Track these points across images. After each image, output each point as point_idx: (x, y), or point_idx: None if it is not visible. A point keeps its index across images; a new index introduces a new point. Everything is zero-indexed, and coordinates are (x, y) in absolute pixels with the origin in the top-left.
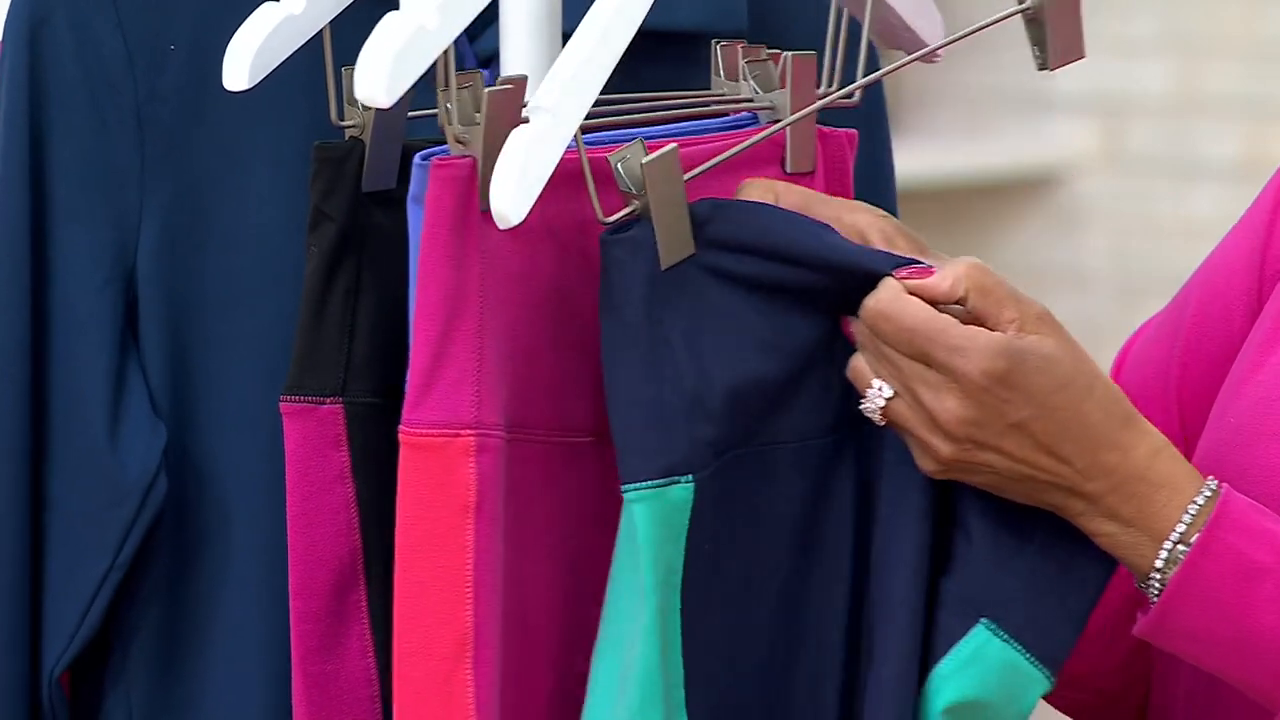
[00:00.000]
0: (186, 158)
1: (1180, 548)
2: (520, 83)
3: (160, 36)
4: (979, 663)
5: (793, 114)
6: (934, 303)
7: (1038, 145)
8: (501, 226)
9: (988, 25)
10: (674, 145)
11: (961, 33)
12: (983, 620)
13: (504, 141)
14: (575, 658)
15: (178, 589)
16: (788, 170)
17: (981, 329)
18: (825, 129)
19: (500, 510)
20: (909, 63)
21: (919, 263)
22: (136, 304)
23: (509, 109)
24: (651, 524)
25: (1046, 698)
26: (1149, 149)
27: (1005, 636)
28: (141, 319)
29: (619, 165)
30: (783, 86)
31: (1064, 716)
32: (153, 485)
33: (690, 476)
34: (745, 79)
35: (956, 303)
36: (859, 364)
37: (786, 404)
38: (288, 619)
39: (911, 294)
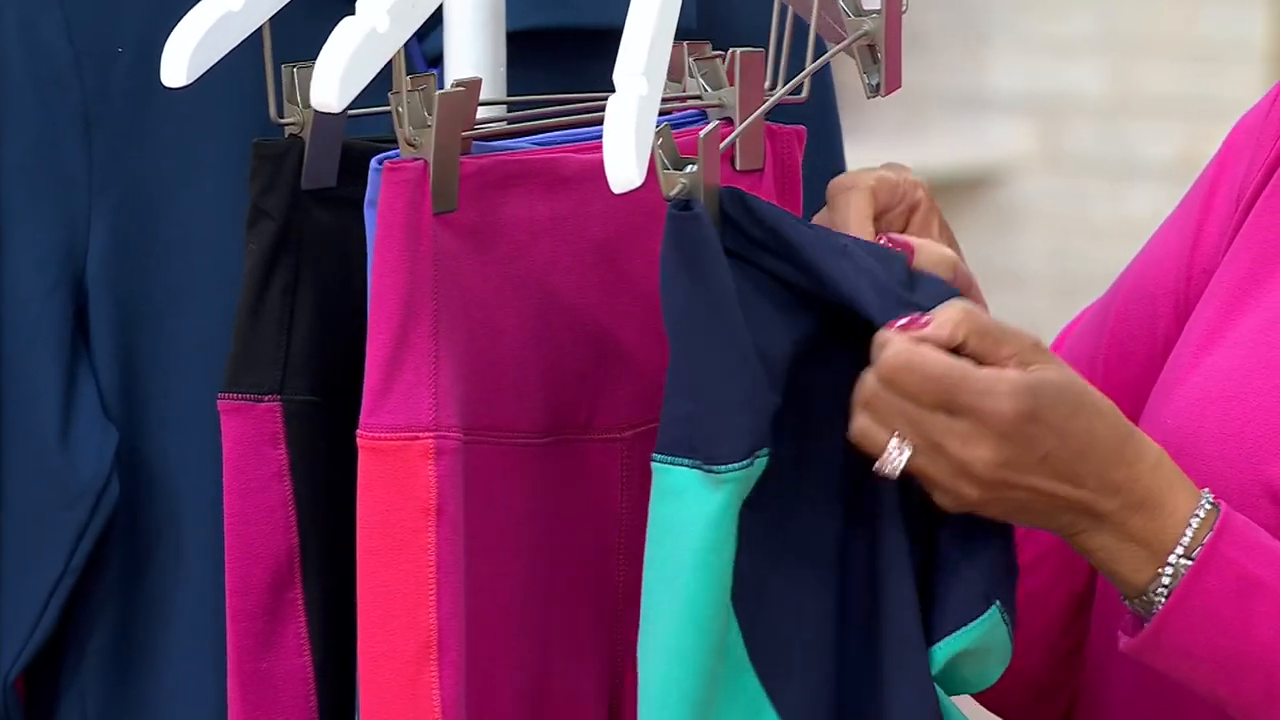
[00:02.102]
0: (135, 159)
1: (1184, 561)
2: (474, 85)
3: (107, 38)
4: (987, 642)
5: (741, 110)
6: None
7: (975, 145)
8: (620, 191)
9: (833, 54)
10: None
11: (818, 62)
12: (996, 603)
13: (455, 144)
14: (542, 657)
15: (131, 591)
16: (737, 168)
17: (999, 370)
18: (773, 125)
19: (460, 512)
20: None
21: (918, 308)
22: (87, 306)
23: (461, 112)
24: (735, 501)
25: (974, 693)
26: (1086, 149)
27: (1007, 618)
28: (92, 321)
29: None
30: (731, 84)
31: (992, 717)
32: (105, 488)
33: (766, 450)
34: (693, 76)
35: (954, 350)
36: (865, 426)
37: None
38: None
39: None
